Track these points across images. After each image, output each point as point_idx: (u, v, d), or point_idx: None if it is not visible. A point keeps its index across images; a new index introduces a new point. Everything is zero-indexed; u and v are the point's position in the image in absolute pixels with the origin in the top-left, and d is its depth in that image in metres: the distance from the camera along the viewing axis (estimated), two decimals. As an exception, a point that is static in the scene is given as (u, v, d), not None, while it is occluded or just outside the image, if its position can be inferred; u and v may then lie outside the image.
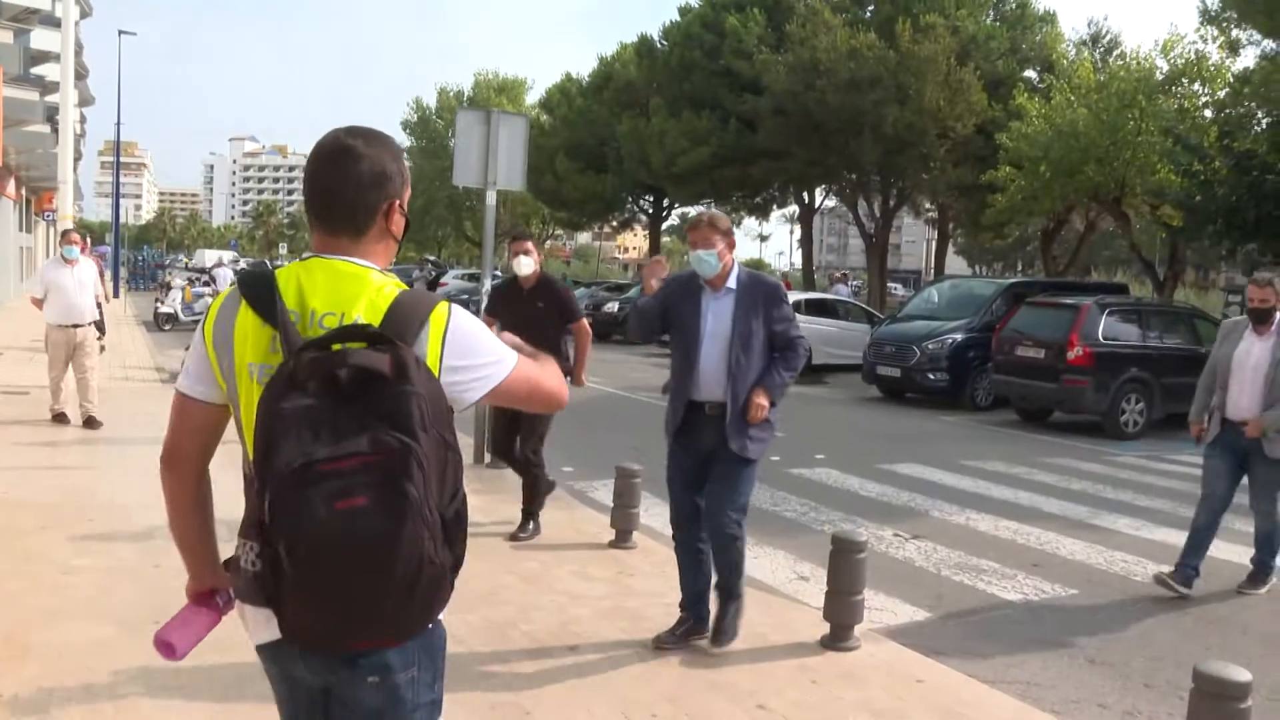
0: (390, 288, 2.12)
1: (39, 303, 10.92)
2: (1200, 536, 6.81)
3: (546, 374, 2.32)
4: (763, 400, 5.01)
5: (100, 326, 11.58)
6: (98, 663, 4.63)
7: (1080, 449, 12.97)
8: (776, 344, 5.12)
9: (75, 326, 10.75)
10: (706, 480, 5.16)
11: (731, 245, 5.10)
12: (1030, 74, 32.88)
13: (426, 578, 1.93)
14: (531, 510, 7.21)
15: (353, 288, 2.11)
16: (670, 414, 5.27)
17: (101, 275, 12.00)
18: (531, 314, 6.99)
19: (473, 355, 2.13)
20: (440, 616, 2.14)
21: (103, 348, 13.67)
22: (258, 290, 2.11)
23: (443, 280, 37.25)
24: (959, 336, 16.83)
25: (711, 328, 5.08)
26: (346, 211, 2.17)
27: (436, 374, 2.06)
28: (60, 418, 10.83)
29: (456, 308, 2.17)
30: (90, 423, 10.69)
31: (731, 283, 5.11)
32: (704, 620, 5.29)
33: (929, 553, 7.66)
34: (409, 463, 1.88)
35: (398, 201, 2.22)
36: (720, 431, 5.03)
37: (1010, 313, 16.11)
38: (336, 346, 1.95)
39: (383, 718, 2.12)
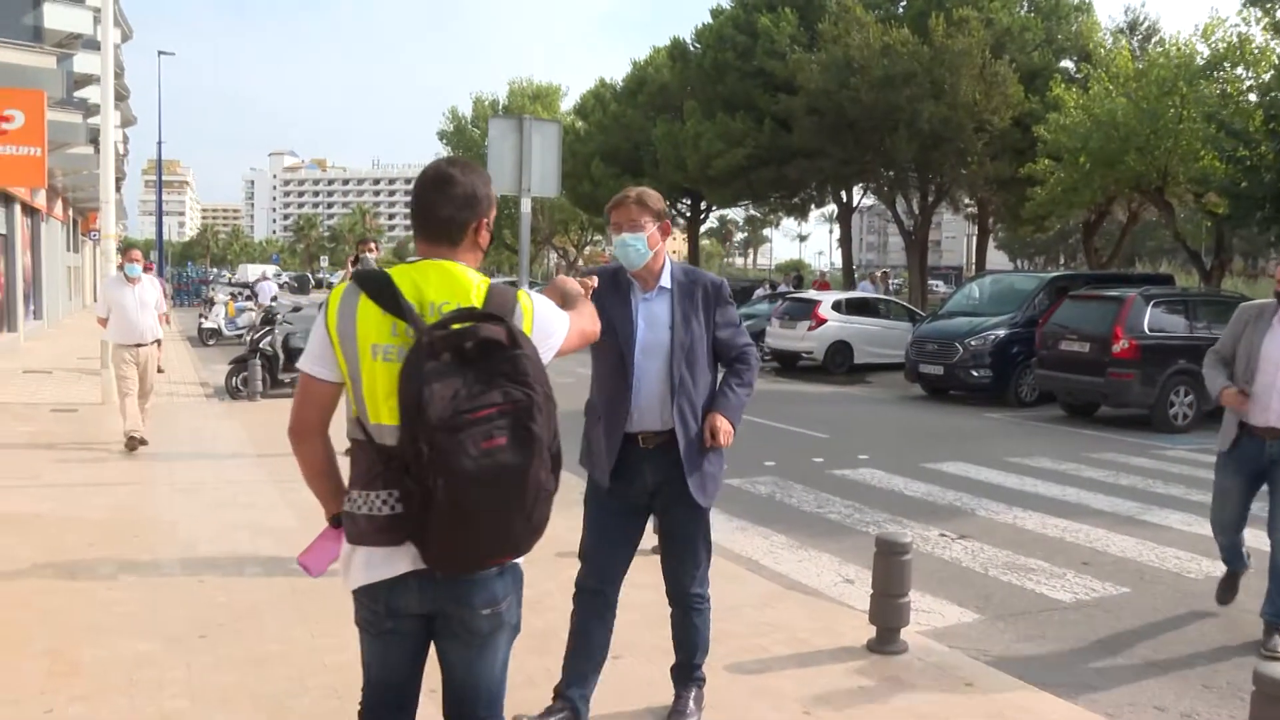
0: (481, 281, 2.67)
1: (103, 322, 10.74)
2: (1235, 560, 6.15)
3: (584, 317, 3.01)
4: (726, 425, 4.08)
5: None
6: (144, 677, 4.67)
7: (1128, 443, 12.78)
8: (722, 355, 4.22)
9: (138, 346, 10.54)
10: (635, 534, 4.33)
11: (666, 231, 4.12)
12: (1067, 64, 32.48)
13: (542, 502, 2.52)
14: None
15: (459, 282, 2.65)
16: (594, 447, 4.18)
17: (166, 295, 11.99)
18: None
19: (550, 330, 2.77)
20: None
21: (160, 369, 13.77)
22: (378, 287, 2.60)
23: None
24: (1002, 332, 16.68)
25: (645, 338, 4.07)
26: (444, 226, 2.74)
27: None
28: (134, 443, 10.35)
29: (534, 293, 2.80)
30: (137, 443, 10.45)
31: (665, 280, 4.12)
32: (581, 714, 4.26)
33: (976, 553, 7.56)
34: (532, 409, 2.44)
35: (485, 220, 2.80)
36: (662, 470, 4.09)
37: (1053, 307, 15.95)
38: (456, 326, 2.47)
39: (490, 638, 2.72)
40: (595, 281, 3.68)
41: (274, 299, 24.27)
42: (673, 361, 4.04)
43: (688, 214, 47.26)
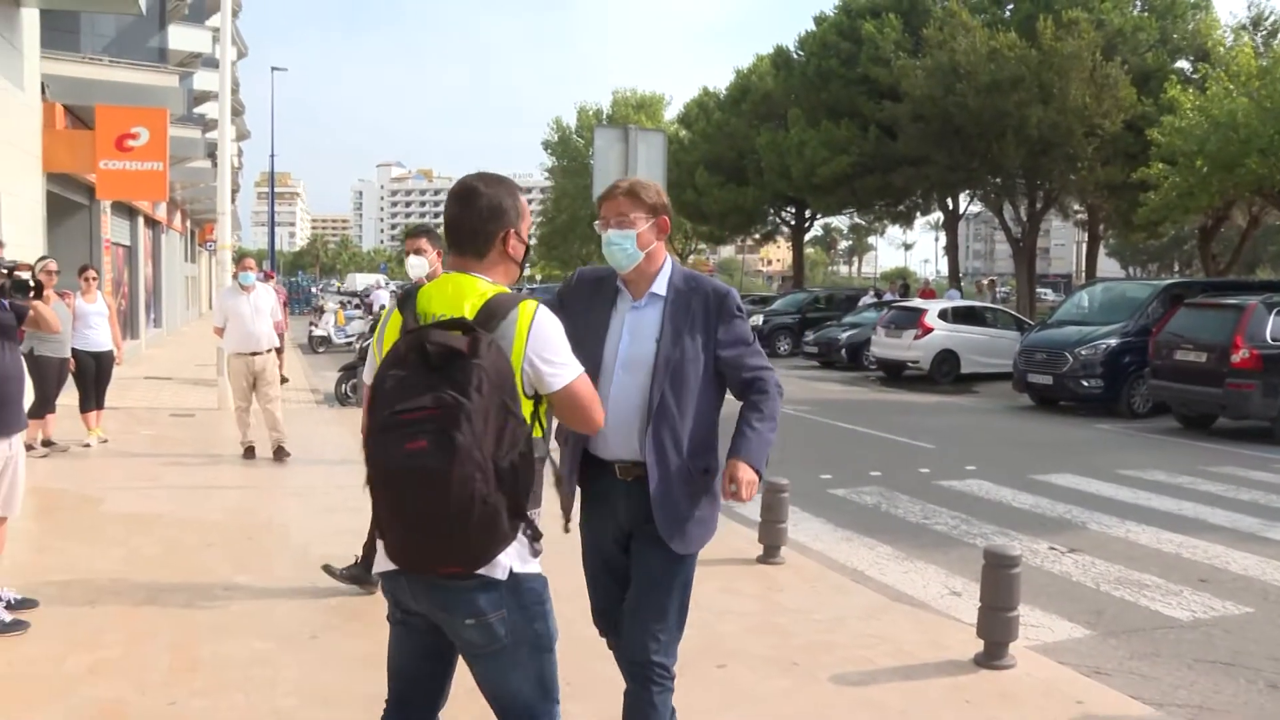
0: (492, 292, 2.70)
1: (220, 331, 10.77)
2: None
3: (596, 398, 2.86)
4: (748, 474, 3.38)
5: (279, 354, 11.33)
6: (258, 674, 4.82)
7: (1248, 457, 12.34)
8: (731, 380, 3.51)
9: (253, 355, 10.44)
10: (623, 576, 3.55)
11: (663, 229, 3.49)
12: (1183, 65, 31.57)
13: (480, 514, 2.46)
14: None
15: (463, 294, 2.70)
16: (564, 479, 3.52)
17: (284, 304, 12.19)
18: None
19: (550, 352, 2.69)
20: (523, 568, 2.68)
21: (284, 378, 14.08)
22: (405, 300, 2.80)
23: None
24: (1113, 341, 16.25)
25: (627, 351, 3.42)
26: (469, 238, 2.81)
27: (519, 358, 2.64)
28: (249, 451, 10.57)
29: (543, 308, 2.73)
30: (279, 454, 10.44)
31: (660, 286, 3.47)
32: None
33: (1087, 567, 7.38)
34: (459, 416, 2.42)
35: (512, 230, 2.83)
36: (638, 508, 3.40)
37: (1168, 315, 15.49)
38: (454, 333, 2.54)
39: (486, 648, 2.71)
40: None
41: (382, 306, 24.76)
42: (655, 381, 3.36)
43: (792, 222, 47.08)
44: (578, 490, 3.55)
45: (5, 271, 5.23)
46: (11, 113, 11.89)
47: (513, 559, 2.67)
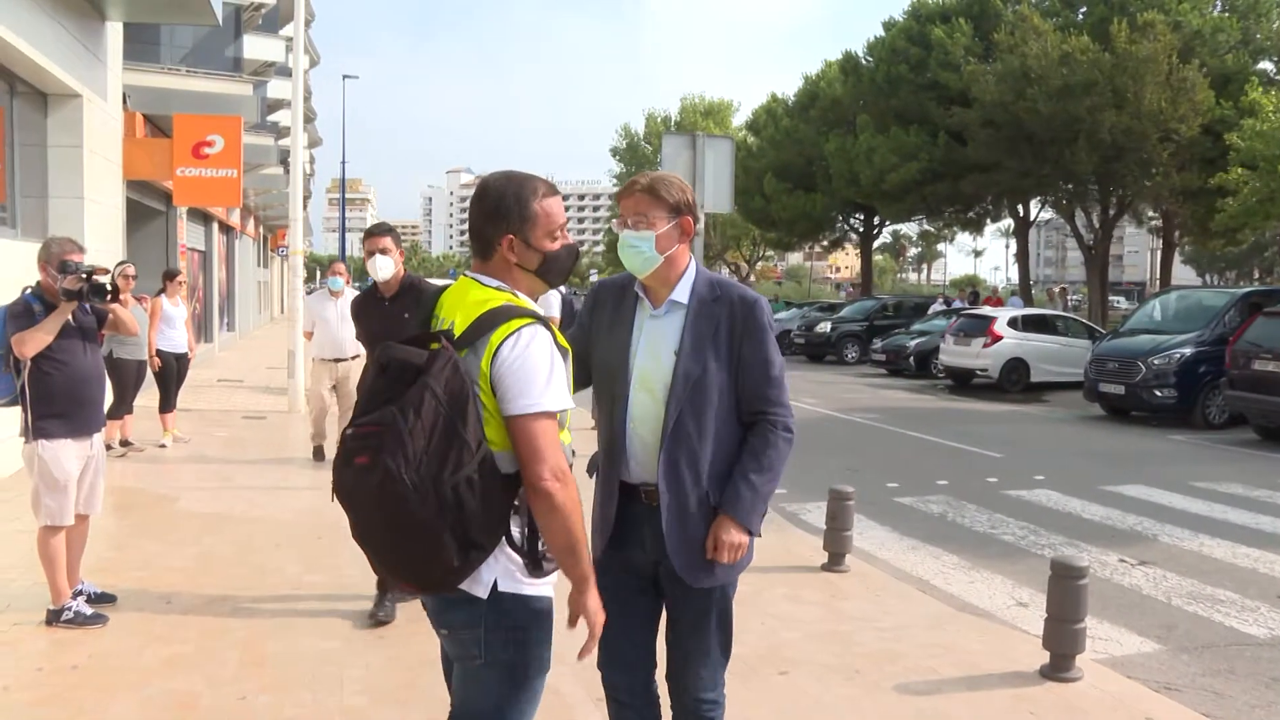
0: (492, 303, 2.52)
1: (309, 335, 10.81)
2: None
3: (552, 454, 2.46)
4: (734, 536, 3.07)
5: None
6: (325, 673, 4.91)
7: (1329, 469, 12.03)
8: (743, 406, 3.15)
9: (337, 360, 10.35)
10: (653, 612, 3.30)
11: (687, 231, 3.15)
12: (1265, 66, 30.88)
13: (420, 537, 2.36)
14: None
15: (463, 301, 2.58)
16: (597, 507, 3.25)
17: None
18: (395, 329, 4.34)
19: (514, 377, 2.45)
20: (512, 588, 2.53)
21: None
22: (429, 303, 2.75)
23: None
24: (1188, 350, 15.92)
25: (645, 365, 3.13)
26: (474, 238, 2.69)
27: (487, 380, 2.46)
28: (319, 453, 10.59)
29: (530, 329, 2.48)
30: None
31: (682, 293, 3.15)
32: None
33: (1158, 580, 7.25)
34: (393, 435, 2.31)
35: (512, 237, 2.61)
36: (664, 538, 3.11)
37: (1246, 324, 15.11)
38: (434, 345, 2.44)
39: (460, 659, 2.65)
40: (553, 313, 3.25)
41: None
42: (671, 398, 3.07)
43: (860, 229, 46.79)
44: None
45: (84, 276, 5.37)
46: (95, 123, 12.22)
47: (499, 576, 2.54)
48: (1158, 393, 15.91)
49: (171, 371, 11.66)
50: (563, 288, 10.85)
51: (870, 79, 38.27)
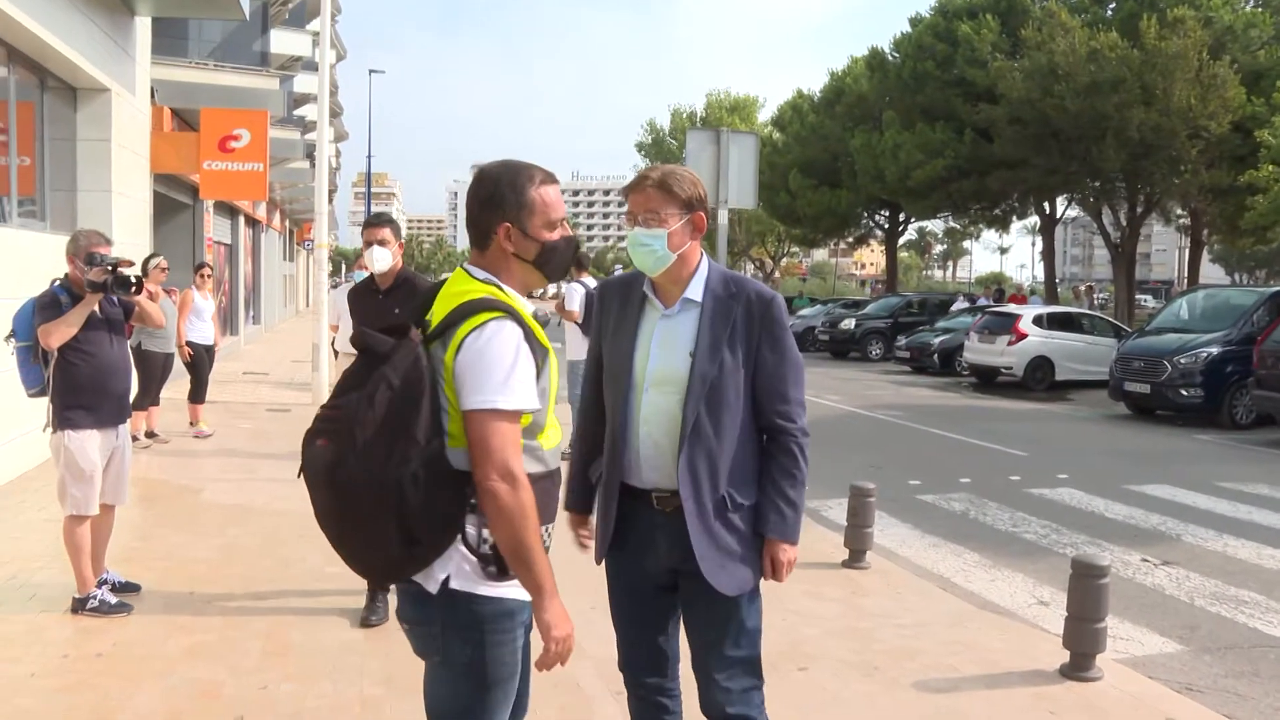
0: (472, 294, 2.46)
1: (335, 329, 11.22)
2: None
3: (501, 454, 2.36)
4: (788, 554, 3.06)
5: None
6: (346, 663, 4.95)
7: (1357, 471, 11.92)
8: (760, 410, 3.05)
9: None
10: (670, 611, 3.19)
11: (699, 227, 3.03)
12: (1299, 62, 30.47)
13: (363, 525, 2.38)
14: None
15: (448, 293, 2.53)
16: (599, 513, 3.18)
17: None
18: (385, 322, 4.60)
19: (473, 372, 2.37)
20: (464, 587, 2.45)
21: None
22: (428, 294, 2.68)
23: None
24: (1215, 350, 15.80)
25: (659, 366, 3.02)
26: (471, 227, 2.60)
27: (450, 373, 2.39)
28: None
29: (496, 323, 2.39)
30: None
31: (695, 291, 3.03)
32: None
33: (1181, 580, 7.20)
34: (346, 421, 2.34)
35: (508, 225, 2.53)
36: (683, 543, 2.99)
37: (1275, 323, 14.99)
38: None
39: (431, 662, 2.61)
40: (573, 306, 3.16)
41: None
42: (688, 399, 2.96)
43: (885, 226, 46.62)
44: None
45: (109, 268, 5.42)
46: (124, 117, 12.32)
47: (453, 573, 2.46)
48: (1184, 392, 15.80)
49: (203, 361, 11.87)
50: (590, 280, 10.91)
51: (896, 75, 38.07)
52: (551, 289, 34.00)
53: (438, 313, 2.50)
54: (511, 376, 2.37)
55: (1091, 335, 21.67)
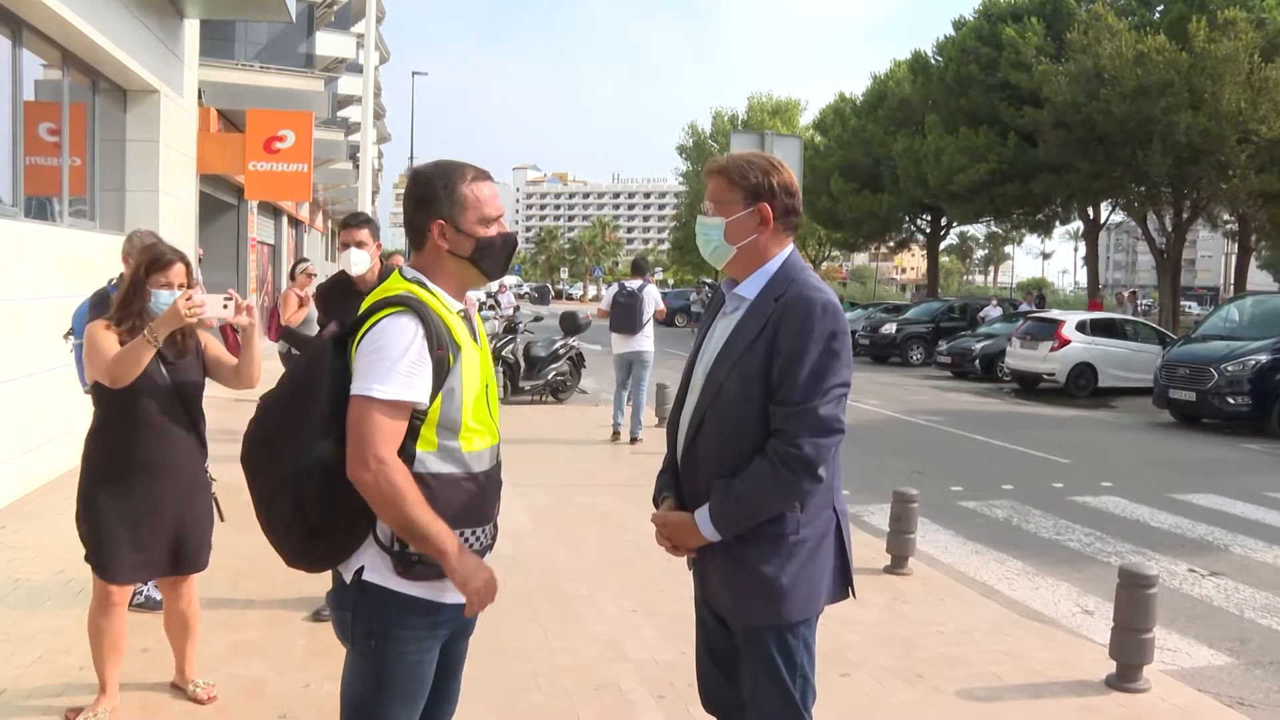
0: (390, 292, 2.48)
1: None
2: None
3: (369, 442, 2.36)
4: (678, 519, 2.77)
5: None
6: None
7: None
8: (773, 423, 2.62)
9: None
10: (733, 649, 2.90)
11: (765, 219, 2.73)
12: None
13: (271, 511, 2.49)
14: None
15: (375, 293, 2.54)
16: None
17: None
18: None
19: (365, 359, 2.40)
20: (376, 580, 2.48)
21: None
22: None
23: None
24: (1264, 358, 15.56)
25: (700, 368, 2.82)
26: (407, 228, 2.62)
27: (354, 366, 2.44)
28: None
29: (393, 318, 2.40)
30: None
31: (750, 288, 2.74)
32: None
33: (1230, 592, 7.10)
34: (260, 412, 2.55)
35: (441, 222, 2.53)
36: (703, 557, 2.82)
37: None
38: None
39: (346, 647, 2.63)
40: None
41: (516, 309, 25.18)
42: (696, 407, 2.75)
43: (927, 230, 46.36)
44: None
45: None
46: (171, 118, 12.47)
47: (366, 564, 2.50)
48: (1230, 400, 15.58)
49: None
50: (631, 283, 11.10)
51: (940, 78, 37.88)
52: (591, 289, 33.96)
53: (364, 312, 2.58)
54: (396, 368, 2.37)
55: (1135, 342, 21.42)
